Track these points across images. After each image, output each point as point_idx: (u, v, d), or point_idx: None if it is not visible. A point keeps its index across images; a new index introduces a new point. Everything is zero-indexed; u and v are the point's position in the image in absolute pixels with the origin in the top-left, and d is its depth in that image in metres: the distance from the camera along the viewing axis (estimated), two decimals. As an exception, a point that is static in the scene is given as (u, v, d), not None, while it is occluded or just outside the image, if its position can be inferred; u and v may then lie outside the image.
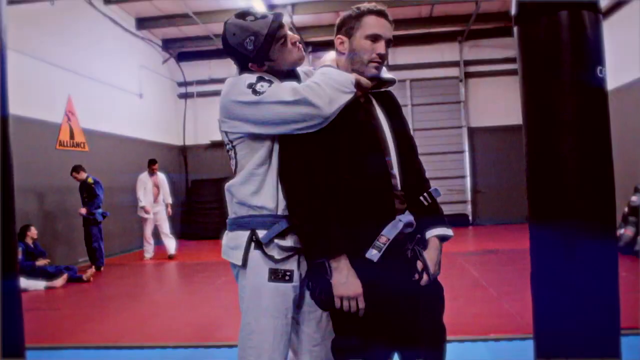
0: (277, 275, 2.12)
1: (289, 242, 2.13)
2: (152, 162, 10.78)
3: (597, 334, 2.64)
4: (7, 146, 2.11)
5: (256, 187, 2.18)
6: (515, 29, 2.81)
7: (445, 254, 2.38)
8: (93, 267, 8.92)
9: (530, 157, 2.77)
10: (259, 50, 2.18)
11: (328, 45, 11.55)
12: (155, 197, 10.69)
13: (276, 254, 2.12)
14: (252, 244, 2.15)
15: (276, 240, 2.12)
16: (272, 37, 2.16)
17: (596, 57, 2.71)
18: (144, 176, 10.68)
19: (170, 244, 10.74)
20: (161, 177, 10.95)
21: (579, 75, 2.64)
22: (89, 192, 9.10)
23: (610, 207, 2.75)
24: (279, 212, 2.15)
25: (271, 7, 11.70)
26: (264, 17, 2.18)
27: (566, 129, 2.65)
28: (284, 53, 2.25)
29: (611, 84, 8.67)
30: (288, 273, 2.13)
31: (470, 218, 14.34)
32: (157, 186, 10.72)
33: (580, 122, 2.70)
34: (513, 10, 2.79)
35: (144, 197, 10.51)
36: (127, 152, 12.01)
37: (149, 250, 10.72)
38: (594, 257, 2.59)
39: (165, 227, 10.82)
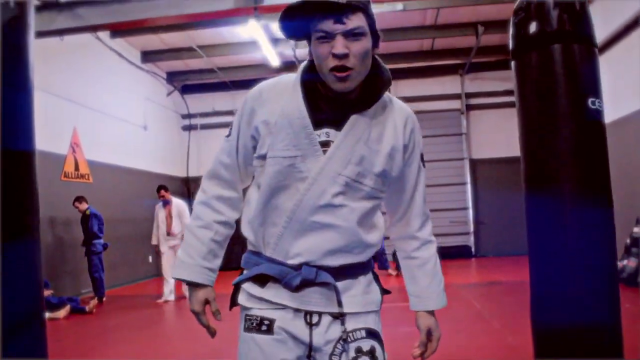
0: (251, 324, 1.72)
1: (262, 291, 1.71)
2: (160, 189, 9.72)
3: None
4: (33, 180, 2.20)
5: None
6: (512, 63, 2.91)
7: (449, 286, 2.33)
8: (96, 298, 8.91)
9: (528, 183, 2.85)
10: None
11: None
12: (169, 228, 9.44)
13: (244, 300, 1.75)
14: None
15: (244, 286, 1.76)
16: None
17: (589, 88, 2.79)
18: (158, 207, 9.67)
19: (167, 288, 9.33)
20: (177, 204, 9.66)
21: (571, 106, 2.71)
22: (85, 224, 9.17)
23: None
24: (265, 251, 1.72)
25: (274, 41, 11.87)
26: None
27: (561, 159, 2.73)
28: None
29: (612, 115, 8.80)
30: (266, 322, 1.69)
31: (472, 250, 14.32)
32: (171, 216, 9.54)
33: (575, 151, 2.77)
34: (510, 45, 2.90)
35: (155, 231, 9.54)
36: (131, 183, 12.07)
37: (166, 292, 9.24)
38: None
39: None
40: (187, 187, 15.26)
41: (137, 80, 12.94)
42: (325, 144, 1.62)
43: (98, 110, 10.93)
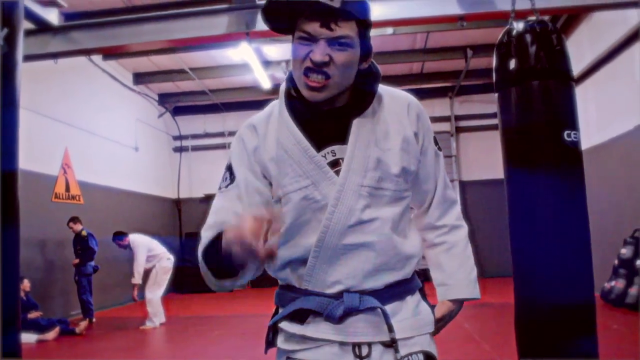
0: None
1: (302, 328, 1.51)
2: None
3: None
4: (15, 199, 2.24)
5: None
6: (495, 95, 3.03)
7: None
8: (87, 319, 8.87)
9: (511, 208, 2.97)
10: None
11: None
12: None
13: (282, 342, 1.56)
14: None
15: (281, 325, 1.55)
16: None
17: (565, 121, 2.91)
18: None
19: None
20: (132, 241, 9.01)
21: (548, 138, 2.82)
22: (82, 245, 9.13)
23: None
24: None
25: (266, 63, 11.97)
26: None
27: (540, 185, 2.85)
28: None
29: (599, 139, 8.92)
30: None
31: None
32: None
33: (553, 180, 2.89)
34: (493, 77, 3.02)
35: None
36: (122, 204, 12.07)
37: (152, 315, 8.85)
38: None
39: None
40: (178, 209, 15.25)
41: (128, 102, 13.00)
42: (335, 163, 1.47)
43: (89, 131, 10.97)
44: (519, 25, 3.22)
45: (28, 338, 7.56)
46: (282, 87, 1.58)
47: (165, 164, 15.13)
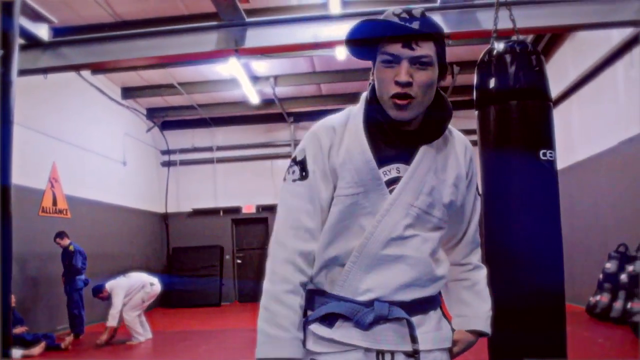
0: None
1: (331, 332, 1.57)
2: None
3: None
4: (9, 214, 2.28)
5: None
6: (476, 112, 3.12)
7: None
8: (72, 334, 8.81)
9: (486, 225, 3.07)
10: None
11: (310, 116, 11.91)
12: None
13: (311, 344, 1.60)
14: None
15: (311, 327, 1.60)
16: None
17: (541, 140, 2.99)
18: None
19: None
20: (111, 289, 8.60)
21: (523, 157, 2.91)
22: (70, 260, 9.11)
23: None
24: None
25: (254, 78, 12.05)
26: None
27: (515, 203, 2.94)
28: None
29: (584, 154, 9.04)
30: None
31: (450, 286, 14.39)
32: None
33: (528, 197, 2.99)
34: (474, 95, 3.11)
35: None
36: (109, 219, 12.04)
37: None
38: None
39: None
40: (166, 224, 15.23)
41: (117, 116, 13.00)
42: (394, 181, 1.55)
43: (78, 146, 10.96)
44: (499, 45, 3.30)
45: (13, 354, 7.51)
46: (364, 96, 1.66)
47: (153, 178, 15.11)
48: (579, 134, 9.90)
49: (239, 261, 15.27)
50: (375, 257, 1.53)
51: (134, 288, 8.59)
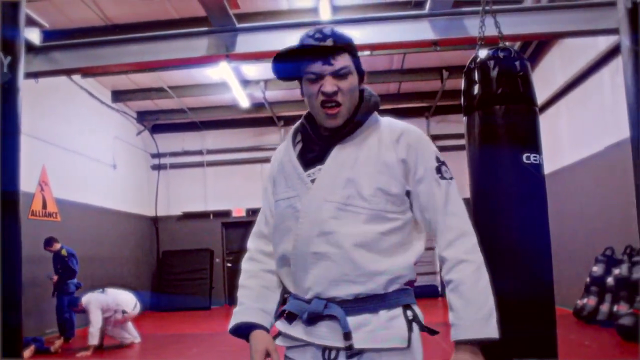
0: None
1: (289, 327, 1.75)
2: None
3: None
4: (17, 218, 2.36)
5: None
6: (464, 118, 3.18)
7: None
8: (62, 338, 8.80)
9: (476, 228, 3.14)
10: None
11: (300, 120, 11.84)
12: None
13: (279, 340, 1.80)
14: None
15: (277, 324, 1.81)
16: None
17: (527, 144, 3.04)
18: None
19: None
20: (86, 303, 8.33)
21: (508, 161, 2.96)
22: (62, 264, 9.07)
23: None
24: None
25: (245, 82, 12.09)
26: None
27: (501, 206, 3.00)
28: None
29: (571, 158, 9.09)
30: None
31: (439, 289, 14.44)
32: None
33: (516, 199, 3.04)
34: (462, 102, 3.18)
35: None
36: (99, 222, 12.03)
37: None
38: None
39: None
40: (156, 227, 15.22)
41: (107, 119, 13.00)
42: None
43: (67, 149, 10.96)
44: (483, 52, 3.37)
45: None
46: (297, 123, 1.85)
47: (143, 181, 15.11)
48: (567, 138, 10.01)
49: (229, 264, 15.28)
50: (306, 255, 1.65)
51: (109, 307, 8.26)
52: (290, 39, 6.02)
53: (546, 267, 3.20)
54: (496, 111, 3.07)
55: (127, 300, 8.54)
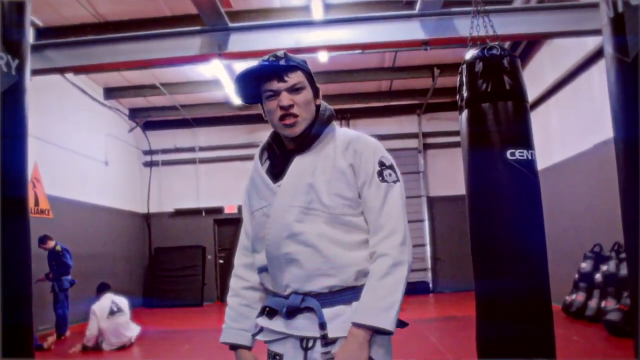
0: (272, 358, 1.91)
1: (269, 322, 1.90)
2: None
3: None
4: (26, 224, 2.44)
5: None
6: (459, 118, 3.27)
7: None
8: (55, 334, 8.82)
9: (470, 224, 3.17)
10: None
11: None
12: None
13: (261, 335, 1.95)
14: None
15: (258, 320, 1.95)
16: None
17: (517, 140, 3.10)
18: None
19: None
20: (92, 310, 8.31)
21: (494, 157, 3.03)
22: (57, 260, 9.10)
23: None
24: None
25: (237, 80, 12.09)
26: None
27: (493, 203, 3.07)
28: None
29: (561, 156, 9.16)
30: (277, 357, 1.88)
31: (430, 285, 14.51)
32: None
33: (510, 193, 3.10)
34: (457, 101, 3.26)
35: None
36: (91, 219, 12.04)
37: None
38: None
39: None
40: (148, 224, 15.23)
41: (99, 116, 12.99)
42: None
43: (59, 146, 10.95)
44: (472, 52, 3.44)
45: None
46: (264, 142, 2.04)
47: (135, 178, 15.11)
48: (556, 136, 10.09)
49: (221, 261, 15.31)
50: (278, 258, 1.84)
51: (102, 316, 8.17)
52: (282, 39, 6.08)
53: (538, 266, 3.23)
54: (484, 109, 3.13)
55: (102, 306, 8.30)
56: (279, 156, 1.95)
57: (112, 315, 8.19)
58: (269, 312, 1.89)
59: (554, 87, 9.83)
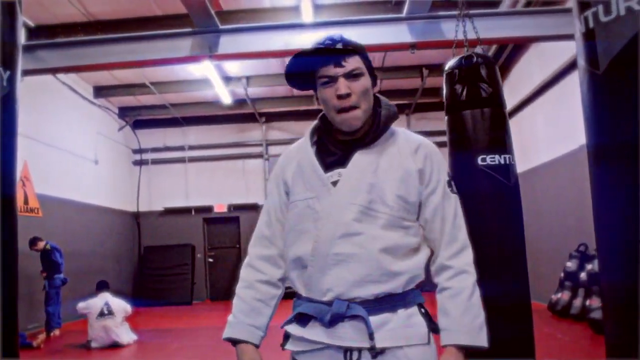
0: None
1: (303, 330, 1.75)
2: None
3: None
4: (14, 223, 2.50)
5: None
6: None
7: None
8: (45, 333, 8.83)
9: None
10: None
11: (282, 117, 11.99)
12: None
13: (290, 344, 1.80)
14: None
15: (288, 328, 1.80)
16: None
17: (490, 146, 3.21)
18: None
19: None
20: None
21: (467, 163, 3.13)
22: (48, 259, 9.13)
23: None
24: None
25: (227, 79, 12.15)
26: None
27: (470, 204, 3.17)
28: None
29: (548, 156, 9.24)
30: None
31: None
32: None
33: (481, 198, 3.20)
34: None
35: None
36: (81, 217, 12.03)
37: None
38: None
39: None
40: (137, 222, 15.24)
41: (88, 115, 12.98)
42: (336, 184, 1.73)
43: (49, 144, 10.94)
44: (452, 62, 3.55)
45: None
46: (313, 124, 1.89)
47: (125, 177, 15.10)
48: (543, 137, 10.20)
49: (210, 260, 15.32)
50: (327, 257, 1.68)
51: (93, 315, 8.27)
52: (272, 41, 6.12)
53: (515, 269, 3.31)
54: (462, 116, 3.25)
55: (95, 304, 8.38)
56: (334, 144, 1.81)
57: (101, 317, 8.20)
58: (300, 319, 1.73)
59: (541, 89, 9.93)
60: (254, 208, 14.18)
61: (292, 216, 1.79)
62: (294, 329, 1.74)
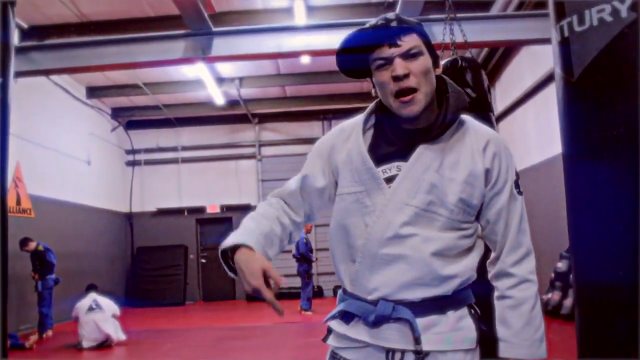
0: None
1: (347, 328, 1.66)
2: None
3: None
4: (4, 224, 2.51)
5: None
6: None
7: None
8: (37, 334, 8.83)
9: None
10: None
11: (274, 117, 12.04)
12: None
13: (332, 339, 1.71)
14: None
15: (331, 324, 1.72)
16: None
17: None
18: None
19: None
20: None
21: None
22: (40, 260, 9.12)
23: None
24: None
25: (220, 80, 12.16)
26: None
27: None
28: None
29: (540, 157, 9.28)
30: None
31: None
32: None
33: None
34: None
35: None
36: (73, 218, 12.02)
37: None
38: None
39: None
40: (130, 223, 15.23)
41: (81, 116, 12.97)
42: (392, 178, 1.58)
43: (42, 145, 10.93)
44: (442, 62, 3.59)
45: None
46: (371, 105, 1.74)
47: (117, 178, 15.09)
48: (535, 138, 10.25)
49: (203, 261, 15.32)
50: (375, 256, 1.57)
51: (82, 312, 8.32)
52: (265, 43, 6.15)
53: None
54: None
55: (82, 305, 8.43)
56: (395, 134, 1.64)
57: (90, 311, 8.22)
58: (344, 315, 1.65)
59: (532, 91, 9.99)
60: (247, 209, 14.14)
61: (339, 210, 1.66)
62: (337, 325, 1.67)
